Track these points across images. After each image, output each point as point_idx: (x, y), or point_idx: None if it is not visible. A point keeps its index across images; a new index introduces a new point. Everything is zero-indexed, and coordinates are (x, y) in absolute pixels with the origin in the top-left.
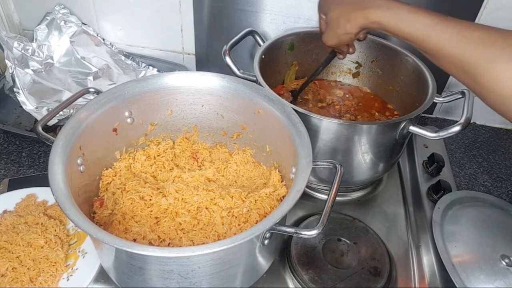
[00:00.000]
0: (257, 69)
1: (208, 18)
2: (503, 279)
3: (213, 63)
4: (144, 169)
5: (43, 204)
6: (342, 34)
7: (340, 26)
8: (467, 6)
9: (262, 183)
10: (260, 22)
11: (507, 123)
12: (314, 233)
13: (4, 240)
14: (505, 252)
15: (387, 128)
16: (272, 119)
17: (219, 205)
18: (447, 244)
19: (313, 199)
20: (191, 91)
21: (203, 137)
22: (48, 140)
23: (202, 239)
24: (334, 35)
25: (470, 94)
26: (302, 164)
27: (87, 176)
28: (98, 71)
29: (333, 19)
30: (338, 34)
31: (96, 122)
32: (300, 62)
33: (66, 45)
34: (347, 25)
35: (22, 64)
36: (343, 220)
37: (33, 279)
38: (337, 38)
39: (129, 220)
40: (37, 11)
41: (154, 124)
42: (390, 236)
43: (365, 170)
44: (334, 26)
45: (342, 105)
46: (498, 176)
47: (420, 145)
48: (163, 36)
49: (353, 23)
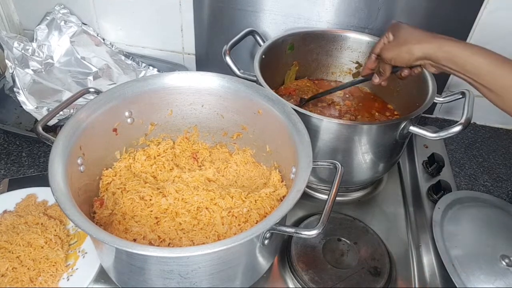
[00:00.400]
0: (257, 69)
1: (208, 18)
2: (503, 279)
3: (213, 63)
4: (144, 169)
5: (43, 204)
6: (405, 51)
7: (408, 43)
8: (467, 6)
9: (262, 183)
10: (260, 22)
11: (507, 123)
12: (314, 233)
13: (4, 240)
14: (505, 252)
15: (387, 128)
16: (272, 119)
17: (219, 205)
18: (447, 244)
19: (313, 199)
20: (191, 91)
21: (203, 137)
22: (48, 140)
23: (202, 239)
24: (396, 49)
25: (470, 94)
26: (302, 164)
27: (87, 176)
28: (98, 71)
29: (403, 36)
30: (401, 49)
31: (96, 122)
32: (300, 62)
33: (66, 45)
34: (415, 45)
35: (22, 64)
36: (343, 220)
37: (33, 279)
38: (397, 52)
39: (129, 220)
40: (37, 11)
41: (154, 124)
42: (390, 236)
43: (365, 170)
44: (401, 42)
45: (342, 105)
46: (498, 176)
47: (420, 145)
48: (163, 36)
49: (422, 46)
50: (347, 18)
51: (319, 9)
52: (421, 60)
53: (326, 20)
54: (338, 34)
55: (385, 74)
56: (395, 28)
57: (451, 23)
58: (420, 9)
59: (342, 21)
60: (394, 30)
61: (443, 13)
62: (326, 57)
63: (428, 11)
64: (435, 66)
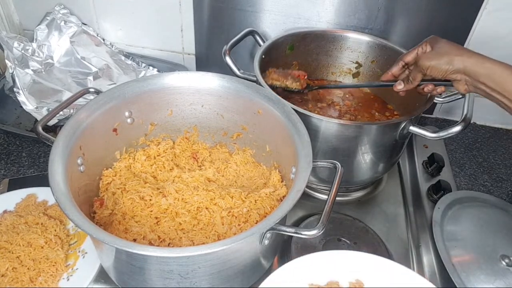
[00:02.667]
0: (257, 69)
1: (208, 18)
2: (503, 279)
3: (213, 63)
4: (144, 169)
5: (43, 204)
6: (445, 62)
7: (449, 54)
8: (466, 6)
9: (262, 183)
10: (260, 22)
11: (507, 123)
12: (314, 233)
13: (4, 240)
14: (505, 252)
15: (387, 128)
16: (272, 119)
17: (219, 205)
18: (447, 244)
19: (313, 199)
20: (191, 91)
21: (203, 137)
22: (48, 140)
23: (202, 239)
24: (436, 58)
25: (470, 94)
26: (302, 164)
27: (87, 176)
28: (98, 71)
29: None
30: (442, 59)
31: (96, 122)
32: (300, 62)
33: (66, 45)
34: (456, 56)
35: (22, 64)
36: (343, 220)
37: (33, 279)
38: (437, 61)
39: (129, 220)
40: (37, 11)
41: (154, 124)
42: (390, 236)
43: (365, 170)
44: (442, 52)
45: (342, 105)
46: (498, 176)
47: (420, 145)
48: (163, 36)
49: (464, 59)
50: (347, 18)
51: (319, 9)
52: (459, 73)
53: (326, 20)
54: (338, 34)
55: (414, 83)
56: (433, 40)
57: (451, 23)
58: (420, 9)
59: (342, 21)
60: (433, 42)
61: (443, 13)
62: (326, 57)
63: (428, 11)
64: (469, 84)
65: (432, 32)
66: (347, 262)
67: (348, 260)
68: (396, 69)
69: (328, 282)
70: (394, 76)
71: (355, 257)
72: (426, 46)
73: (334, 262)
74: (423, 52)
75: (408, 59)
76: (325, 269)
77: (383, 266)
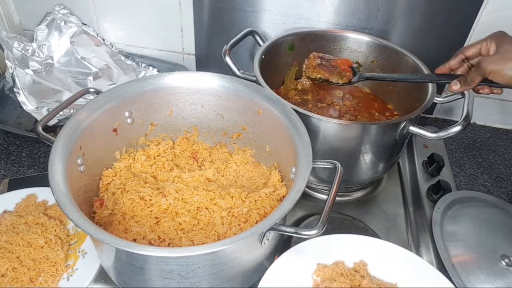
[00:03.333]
0: (257, 69)
1: (208, 18)
2: (503, 279)
3: (213, 63)
4: (144, 169)
5: (43, 204)
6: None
7: None
8: (466, 6)
9: (262, 183)
10: (260, 22)
11: (507, 123)
12: (314, 233)
13: (4, 240)
14: (505, 252)
15: (387, 128)
16: (272, 119)
17: (219, 205)
18: (447, 244)
19: (313, 199)
20: (191, 91)
21: (203, 137)
22: (48, 140)
23: (202, 239)
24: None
25: (470, 94)
26: (302, 164)
27: (87, 176)
28: (98, 71)
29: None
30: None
31: (96, 122)
32: (300, 62)
33: (66, 45)
34: None
35: (22, 64)
36: (343, 220)
37: (33, 279)
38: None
39: (129, 220)
40: (37, 11)
41: (154, 124)
42: (390, 236)
43: (365, 170)
44: (508, 57)
45: (342, 105)
46: (498, 176)
47: (420, 145)
48: (163, 36)
49: None
50: (347, 18)
51: (319, 9)
52: None
53: (326, 20)
54: (338, 34)
55: (471, 85)
56: (500, 38)
57: (450, 23)
58: (419, 10)
59: (342, 21)
60: (499, 41)
61: (442, 13)
62: None
63: (428, 11)
64: None
65: (432, 32)
66: (352, 245)
67: (353, 242)
68: (454, 62)
69: (335, 262)
70: (451, 69)
71: (360, 240)
72: (490, 43)
73: (340, 244)
74: (487, 48)
75: (469, 54)
76: (332, 251)
77: (386, 249)
